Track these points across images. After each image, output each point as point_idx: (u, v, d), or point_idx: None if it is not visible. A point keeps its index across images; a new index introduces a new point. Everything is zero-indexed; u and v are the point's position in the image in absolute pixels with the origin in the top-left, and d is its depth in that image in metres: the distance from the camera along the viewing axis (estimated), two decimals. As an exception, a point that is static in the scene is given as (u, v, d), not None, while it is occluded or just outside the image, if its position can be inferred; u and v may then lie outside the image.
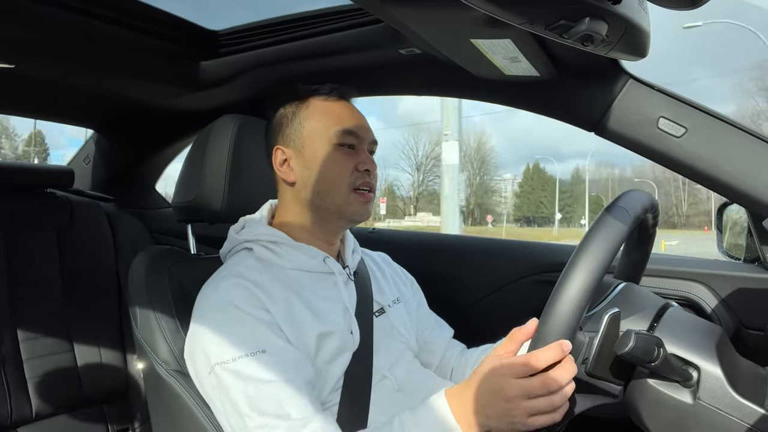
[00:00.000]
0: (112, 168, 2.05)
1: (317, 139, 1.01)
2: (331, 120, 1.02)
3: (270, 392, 0.83)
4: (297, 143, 1.02)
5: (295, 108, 1.05)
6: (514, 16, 0.67)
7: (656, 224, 0.95)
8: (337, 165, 1.00)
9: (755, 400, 0.73)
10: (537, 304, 0.77)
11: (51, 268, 1.58)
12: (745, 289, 1.18)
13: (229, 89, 1.50)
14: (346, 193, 1.00)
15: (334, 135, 1.00)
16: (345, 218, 1.02)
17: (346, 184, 0.99)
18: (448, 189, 6.89)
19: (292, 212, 1.04)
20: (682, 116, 1.05)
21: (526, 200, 56.41)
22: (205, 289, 0.96)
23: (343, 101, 1.06)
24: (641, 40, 0.80)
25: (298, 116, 1.04)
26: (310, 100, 1.04)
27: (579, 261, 0.72)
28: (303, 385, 0.85)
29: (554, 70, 1.09)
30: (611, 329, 0.77)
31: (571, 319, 0.70)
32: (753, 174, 1.02)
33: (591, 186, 54.01)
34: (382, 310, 1.07)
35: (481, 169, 55.22)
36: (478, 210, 55.05)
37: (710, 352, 0.76)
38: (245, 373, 0.84)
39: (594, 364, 0.77)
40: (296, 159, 1.02)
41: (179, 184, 1.22)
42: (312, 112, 1.03)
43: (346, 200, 1.00)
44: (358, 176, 1.00)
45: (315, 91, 1.05)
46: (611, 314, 0.77)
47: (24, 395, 1.44)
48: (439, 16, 0.88)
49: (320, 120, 1.02)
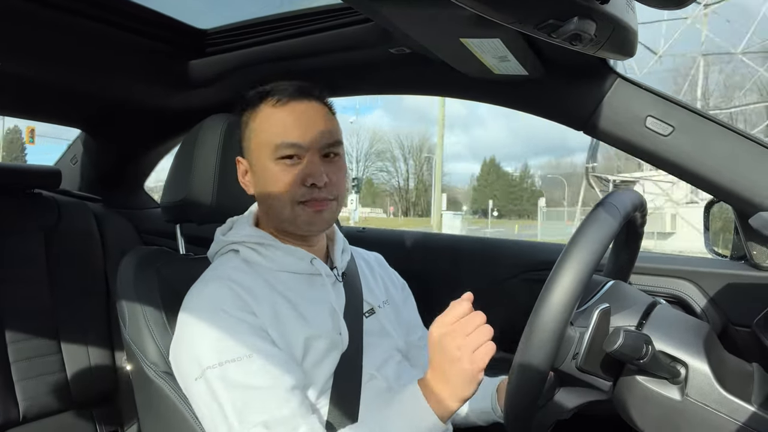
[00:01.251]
0: (99, 168, 2.03)
1: (263, 152, 0.95)
2: (272, 131, 0.94)
3: (257, 399, 0.82)
4: (250, 156, 0.98)
5: (248, 116, 0.98)
6: (504, 15, 0.67)
7: (644, 223, 0.96)
8: (278, 181, 0.93)
9: (742, 397, 0.73)
10: (527, 301, 0.77)
11: (38, 269, 1.57)
12: (732, 286, 1.19)
13: (218, 88, 1.49)
14: (291, 208, 0.94)
15: (275, 148, 0.93)
16: (301, 229, 0.98)
17: (289, 199, 0.94)
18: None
19: (264, 220, 1.03)
20: (670, 115, 1.06)
21: (481, 194, 58.07)
22: (191, 292, 0.95)
23: (294, 104, 0.95)
24: (629, 40, 0.80)
25: (249, 125, 0.98)
26: (260, 107, 0.97)
27: (570, 256, 0.72)
28: (290, 390, 0.85)
29: (543, 70, 1.09)
30: (601, 324, 0.77)
31: (561, 314, 0.71)
32: (739, 172, 1.03)
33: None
34: (373, 310, 1.06)
35: (426, 165, 55.51)
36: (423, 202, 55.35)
37: (698, 349, 0.77)
38: (232, 379, 0.83)
39: (584, 359, 0.77)
40: (251, 172, 0.99)
41: (167, 184, 1.21)
42: (260, 120, 0.96)
43: (293, 214, 0.94)
44: (304, 191, 0.93)
45: (267, 94, 0.97)
46: (601, 309, 0.78)
47: (11, 397, 1.43)
48: (429, 14, 0.88)
49: (265, 131, 0.95)
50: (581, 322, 0.79)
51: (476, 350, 0.78)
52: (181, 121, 1.71)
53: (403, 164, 57.48)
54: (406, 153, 56.55)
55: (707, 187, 1.08)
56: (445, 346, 0.79)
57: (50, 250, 1.60)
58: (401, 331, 1.10)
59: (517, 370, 0.75)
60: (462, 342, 0.78)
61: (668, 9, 0.65)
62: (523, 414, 0.78)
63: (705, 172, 1.05)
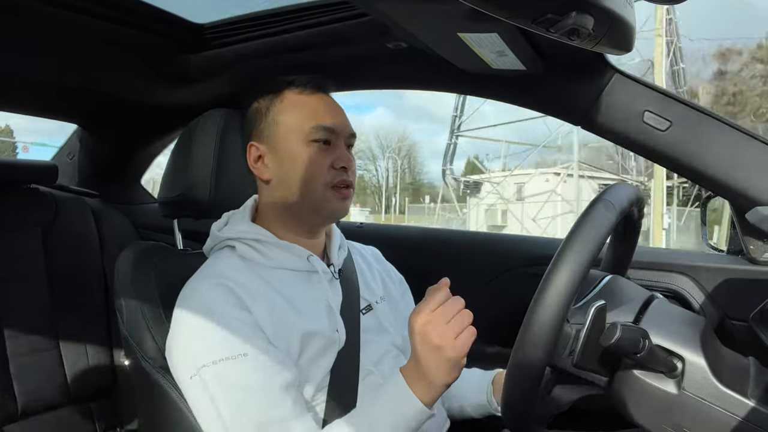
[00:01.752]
0: (96, 163, 2.03)
1: (291, 136, 0.97)
2: (305, 115, 0.98)
3: (251, 398, 0.82)
4: (271, 140, 0.99)
5: (269, 102, 1.00)
6: (501, 10, 0.67)
7: (641, 217, 0.96)
8: (312, 162, 0.96)
9: (739, 391, 0.74)
10: (525, 297, 0.77)
11: (36, 265, 1.56)
12: (729, 280, 1.19)
13: (216, 83, 1.49)
14: (323, 191, 0.96)
15: (309, 131, 0.96)
16: (322, 216, 1.00)
17: (322, 182, 0.96)
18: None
19: (271, 210, 1.02)
20: (667, 110, 1.06)
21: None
22: (186, 290, 0.94)
23: (319, 94, 1.01)
24: (627, 35, 0.80)
25: (272, 111, 0.99)
26: (285, 94, 1.00)
27: (566, 253, 0.73)
28: (285, 389, 0.85)
29: (541, 64, 1.09)
30: (597, 321, 0.78)
31: (557, 311, 0.71)
32: (736, 167, 1.04)
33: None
34: (370, 307, 1.06)
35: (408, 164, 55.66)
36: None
37: (695, 343, 0.77)
38: (226, 378, 0.83)
39: (581, 356, 0.77)
40: (270, 156, 0.99)
41: (165, 179, 1.21)
42: (286, 106, 0.99)
43: (323, 198, 0.97)
44: (335, 174, 0.97)
45: (290, 84, 1.00)
46: (597, 306, 0.78)
47: (9, 393, 1.43)
48: (426, 9, 0.87)
49: (295, 115, 0.98)
50: (577, 319, 0.79)
51: (458, 336, 0.79)
52: (179, 116, 1.70)
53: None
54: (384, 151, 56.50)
55: (704, 182, 1.08)
56: (426, 335, 0.80)
57: (48, 246, 1.59)
58: (398, 326, 1.10)
59: (514, 367, 0.75)
60: (442, 330, 0.79)
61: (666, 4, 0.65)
62: (521, 410, 0.78)
63: (702, 167, 1.06)
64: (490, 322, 0.80)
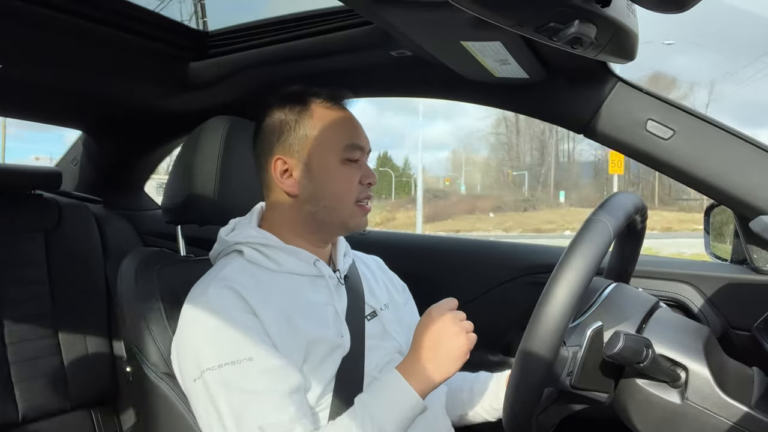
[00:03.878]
0: (100, 169, 2.03)
1: (328, 153, 0.97)
2: (338, 132, 0.98)
3: (254, 403, 0.82)
4: (302, 154, 0.98)
5: (297, 115, 0.99)
6: (504, 19, 0.68)
7: (645, 224, 0.96)
8: (345, 180, 0.98)
9: (742, 400, 0.73)
10: (529, 305, 0.77)
11: (38, 271, 1.56)
12: (732, 290, 1.19)
13: (219, 90, 1.49)
14: (352, 207, 0.99)
15: (344, 149, 0.98)
16: (347, 230, 1.03)
17: (353, 199, 0.99)
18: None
19: (288, 220, 1.01)
20: (670, 119, 1.06)
21: (378, 184, 59.32)
22: (193, 293, 0.94)
23: (345, 109, 1.02)
24: (630, 43, 0.81)
25: (302, 125, 0.98)
26: (312, 108, 0.99)
27: (565, 269, 0.72)
28: (288, 395, 0.84)
29: (544, 73, 1.09)
30: (594, 343, 0.77)
31: (553, 338, 0.71)
32: (740, 176, 1.03)
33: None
34: (375, 313, 1.06)
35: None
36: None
37: (698, 353, 0.77)
38: (230, 382, 0.83)
39: (578, 378, 0.77)
40: (300, 171, 0.98)
41: (169, 185, 1.21)
42: (317, 122, 0.98)
43: (351, 214, 0.99)
44: (361, 189, 1.00)
45: (316, 96, 1.00)
46: (594, 329, 0.78)
47: (10, 399, 1.43)
48: (429, 18, 0.88)
49: (328, 132, 0.98)
50: (574, 341, 0.79)
51: (467, 335, 0.87)
52: (183, 122, 1.71)
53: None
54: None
55: (708, 191, 1.08)
56: (446, 321, 0.87)
57: (50, 252, 1.60)
58: (402, 333, 1.10)
59: (513, 390, 0.75)
60: (459, 328, 0.87)
61: (668, 13, 0.66)
62: (522, 425, 0.78)
63: (705, 175, 1.05)
64: (494, 330, 0.80)
